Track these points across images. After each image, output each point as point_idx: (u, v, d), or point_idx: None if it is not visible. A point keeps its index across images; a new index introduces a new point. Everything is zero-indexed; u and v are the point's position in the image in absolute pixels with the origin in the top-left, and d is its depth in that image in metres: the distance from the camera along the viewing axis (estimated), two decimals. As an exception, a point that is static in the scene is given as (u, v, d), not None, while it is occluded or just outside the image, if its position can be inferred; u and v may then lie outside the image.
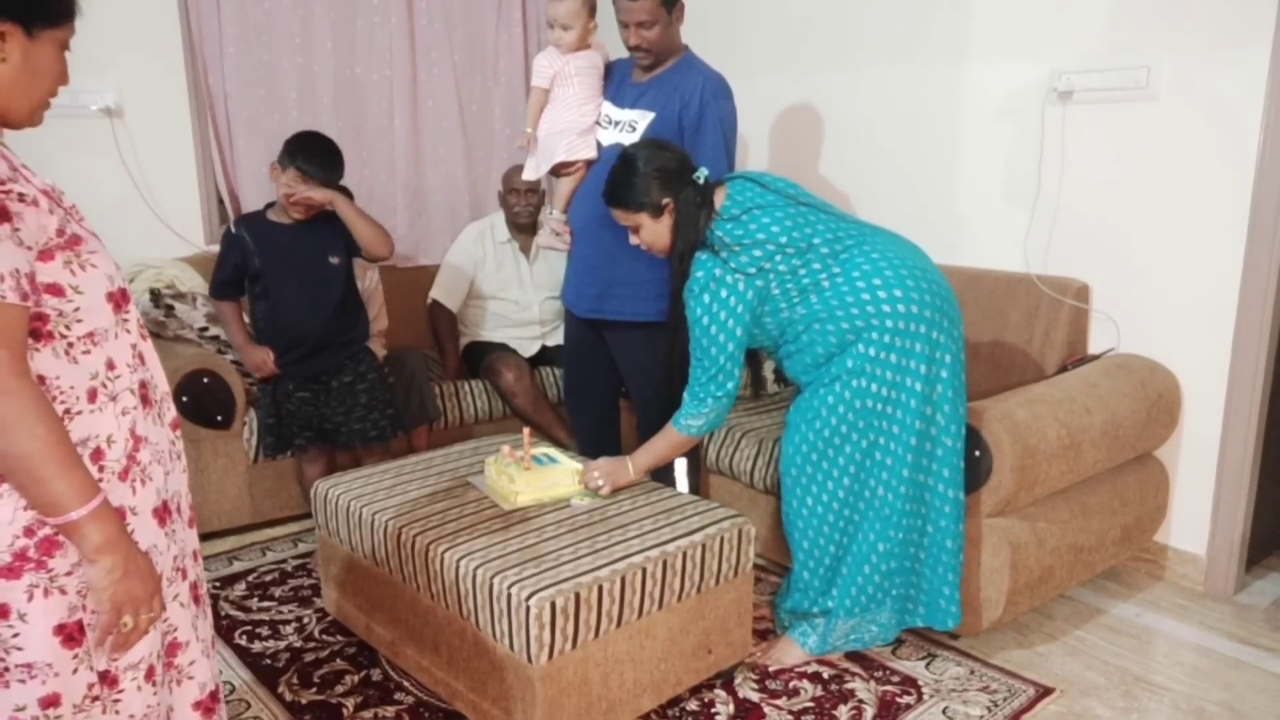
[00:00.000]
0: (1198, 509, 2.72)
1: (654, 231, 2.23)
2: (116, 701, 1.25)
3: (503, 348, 3.59)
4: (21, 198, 1.12)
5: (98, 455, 1.21)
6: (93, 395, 1.21)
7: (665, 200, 2.19)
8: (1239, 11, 2.47)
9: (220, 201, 3.66)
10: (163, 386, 1.36)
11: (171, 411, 1.38)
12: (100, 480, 1.20)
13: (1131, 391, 2.55)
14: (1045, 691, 2.22)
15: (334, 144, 2.87)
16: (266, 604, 2.67)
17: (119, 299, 1.26)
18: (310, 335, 2.87)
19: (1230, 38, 2.50)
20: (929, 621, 2.29)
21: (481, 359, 3.56)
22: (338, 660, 2.37)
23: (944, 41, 3.11)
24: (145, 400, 1.30)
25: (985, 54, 3.01)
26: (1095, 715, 2.15)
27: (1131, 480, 2.61)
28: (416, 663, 2.21)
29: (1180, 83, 2.60)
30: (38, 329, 1.16)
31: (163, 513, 1.30)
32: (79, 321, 1.20)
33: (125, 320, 1.28)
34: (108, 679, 1.24)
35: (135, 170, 3.41)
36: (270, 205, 2.91)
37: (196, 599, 1.41)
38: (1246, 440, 2.61)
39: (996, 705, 2.17)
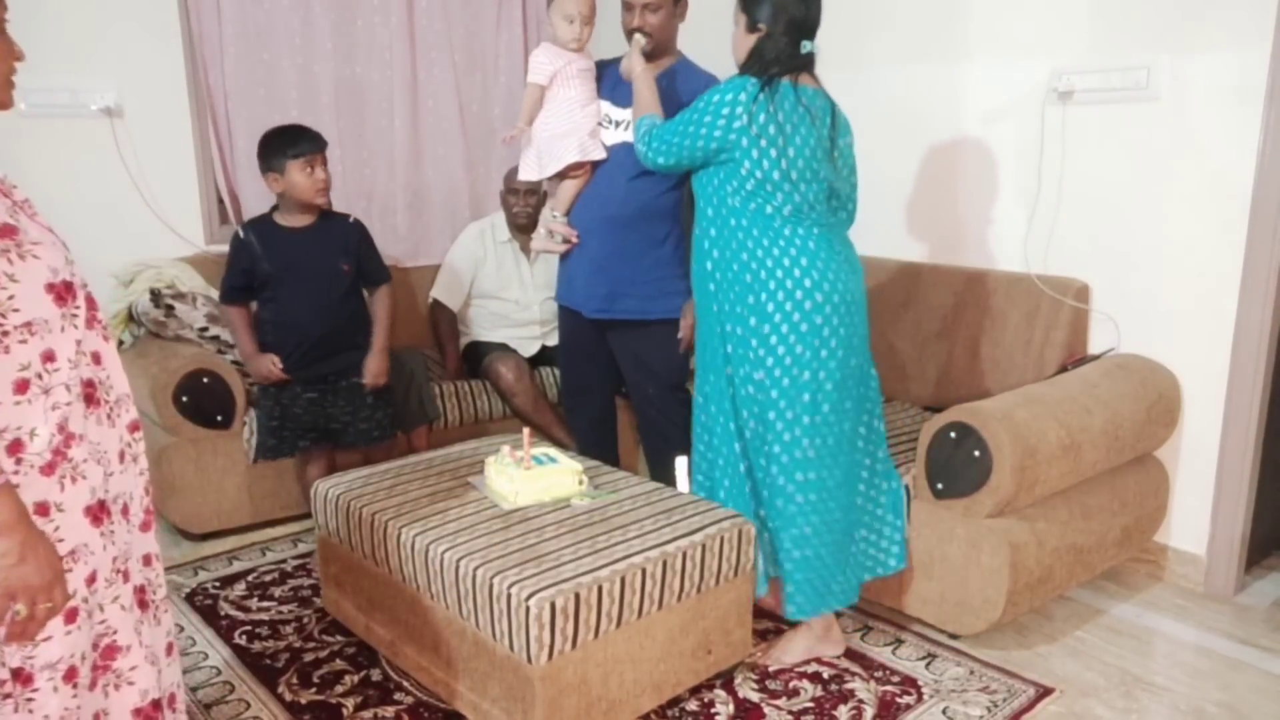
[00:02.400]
0: (1198, 509, 2.72)
1: (735, 37, 2.23)
2: (30, 700, 1.22)
3: (503, 348, 3.59)
4: None
5: (16, 447, 1.19)
6: (22, 386, 1.19)
7: (761, 25, 2.17)
8: (1239, 11, 2.47)
9: (220, 201, 3.66)
10: (120, 388, 1.35)
11: (130, 414, 1.37)
12: (17, 472, 1.18)
13: (1131, 392, 2.55)
14: (1045, 692, 2.22)
15: (298, 124, 2.87)
16: (266, 604, 2.67)
17: (62, 292, 1.25)
18: (319, 338, 2.87)
19: (1230, 38, 2.50)
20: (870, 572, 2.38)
21: (481, 359, 3.56)
22: (337, 660, 2.37)
23: (944, 42, 3.11)
24: (90, 398, 1.28)
25: (985, 54, 3.01)
26: (1095, 715, 2.15)
27: (1131, 481, 2.61)
28: (416, 663, 2.21)
29: (1180, 83, 2.60)
30: None
31: (98, 512, 1.28)
32: (15, 311, 1.18)
33: (74, 315, 1.26)
34: (21, 677, 1.21)
35: (135, 170, 3.41)
36: (275, 208, 2.90)
37: (143, 604, 1.39)
38: (1246, 440, 2.61)
39: (996, 705, 2.17)
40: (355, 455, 3.00)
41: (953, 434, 2.29)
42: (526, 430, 2.41)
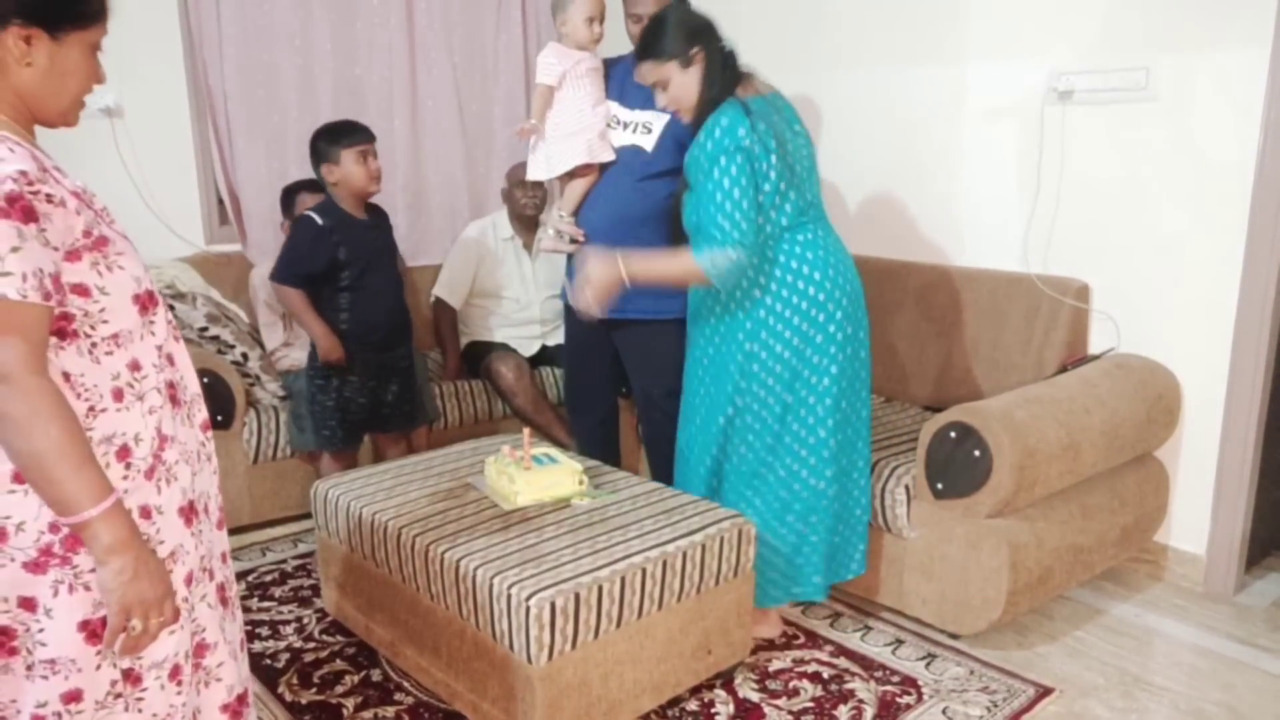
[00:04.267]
0: (1198, 509, 2.72)
1: (682, 84, 2.22)
2: (139, 700, 1.26)
3: (503, 347, 3.59)
4: (49, 198, 1.14)
5: (124, 453, 1.22)
6: (119, 395, 1.22)
7: (695, 49, 2.19)
8: (1239, 12, 2.47)
9: (220, 202, 3.66)
10: (193, 388, 1.38)
11: (202, 413, 1.39)
12: (126, 478, 1.21)
13: (1131, 391, 2.55)
14: (1045, 692, 2.22)
15: (349, 119, 2.90)
16: (266, 604, 2.67)
17: (146, 301, 1.27)
18: (391, 325, 2.95)
19: (1230, 38, 2.50)
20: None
21: (481, 359, 3.56)
22: (338, 660, 2.37)
23: (944, 42, 3.11)
24: (174, 400, 1.31)
25: (985, 54, 3.01)
26: (1095, 715, 2.15)
27: (1131, 480, 2.61)
28: (416, 663, 2.22)
29: (1180, 83, 2.60)
30: (63, 328, 1.18)
31: (189, 512, 1.31)
32: (104, 323, 1.21)
33: (152, 323, 1.29)
34: (131, 677, 1.25)
35: (135, 170, 3.41)
36: (327, 198, 2.86)
37: (224, 600, 1.42)
38: (1246, 440, 2.61)
39: (996, 705, 2.17)
40: (403, 444, 3.12)
41: (953, 434, 2.30)
42: (526, 430, 2.41)
